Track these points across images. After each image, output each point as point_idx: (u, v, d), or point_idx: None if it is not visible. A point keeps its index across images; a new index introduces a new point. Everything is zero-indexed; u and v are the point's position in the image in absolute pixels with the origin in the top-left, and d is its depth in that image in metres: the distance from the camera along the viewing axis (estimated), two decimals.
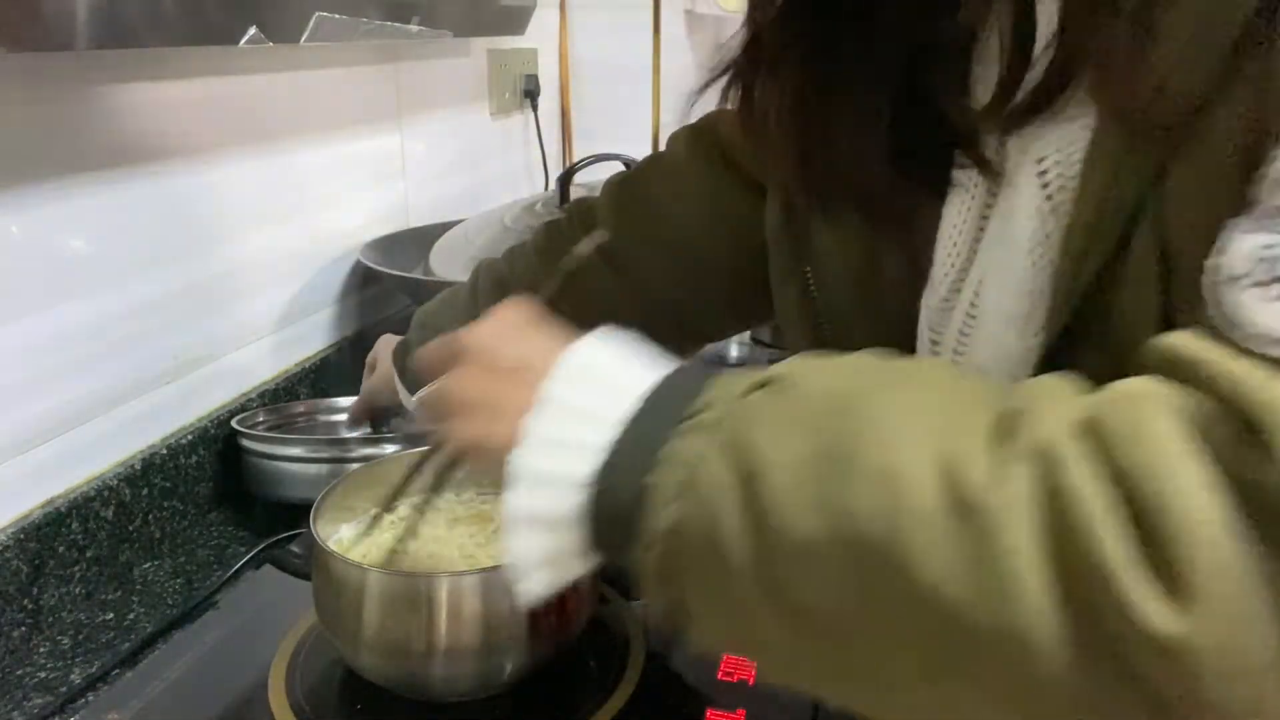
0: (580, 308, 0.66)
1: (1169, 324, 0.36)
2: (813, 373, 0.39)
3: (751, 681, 0.67)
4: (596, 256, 0.70)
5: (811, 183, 0.53)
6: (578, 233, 0.73)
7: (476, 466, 0.47)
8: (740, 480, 0.36)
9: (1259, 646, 0.29)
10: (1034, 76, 0.41)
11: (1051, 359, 0.42)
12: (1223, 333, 0.32)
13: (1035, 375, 0.41)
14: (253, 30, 0.84)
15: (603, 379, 0.41)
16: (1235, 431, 0.30)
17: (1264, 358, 0.31)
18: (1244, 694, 0.30)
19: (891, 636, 0.35)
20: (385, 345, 0.89)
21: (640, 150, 0.84)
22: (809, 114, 0.51)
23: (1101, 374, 0.37)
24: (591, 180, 1.46)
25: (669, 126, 2.18)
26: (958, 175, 0.47)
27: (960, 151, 0.46)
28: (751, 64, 0.53)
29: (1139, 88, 0.37)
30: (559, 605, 0.66)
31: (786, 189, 0.56)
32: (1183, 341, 0.33)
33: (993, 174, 0.45)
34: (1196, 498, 0.30)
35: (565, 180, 1.39)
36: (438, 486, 0.61)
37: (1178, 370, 0.33)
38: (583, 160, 1.39)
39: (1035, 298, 0.42)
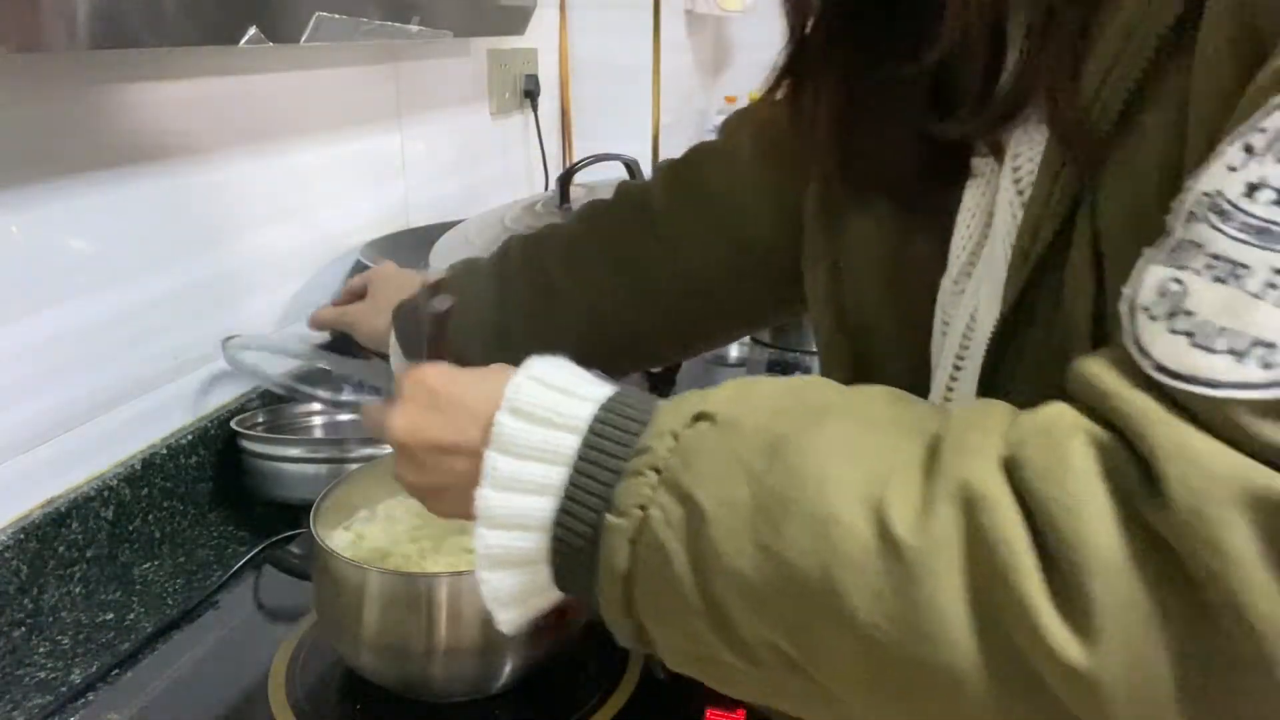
0: (622, 271, 0.71)
1: (1101, 311, 0.40)
2: (748, 409, 0.40)
3: None
4: (642, 232, 0.73)
5: (848, 173, 0.56)
6: (624, 212, 0.75)
7: (437, 512, 0.49)
8: (686, 524, 0.38)
9: (1162, 679, 0.31)
10: (1004, 88, 0.45)
11: (1009, 335, 0.45)
12: (1135, 360, 0.33)
13: (992, 348, 0.46)
14: (253, 30, 0.84)
15: (548, 414, 0.42)
16: (1139, 471, 0.32)
17: (1164, 393, 0.32)
18: (1151, 715, 0.31)
19: (834, 669, 0.37)
20: (381, 278, 0.86)
21: (640, 150, 0.84)
22: (848, 111, 0.54)
23: (1044, 356, 0.42)
24: (591, 180, 1.46)
25: (669, 126, 2.19)
26: (977, 164, 0.49)
27: (979, 141, 0.49)
28: (797, 65, 0.55)
29: (1070, 103, 0.41)
30: (559, 605, 0.65)
31: (825, 178, 0.58)
32: (1099, 371, 0.35)
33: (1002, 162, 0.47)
34: (1104, 535, 0.32)
35: (565, 180, 1.39)
36: None
37: (1093, 400, 0.34)
38: (583, 160, 1.39)
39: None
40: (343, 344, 0.91)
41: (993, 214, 0.48)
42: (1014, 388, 0.46)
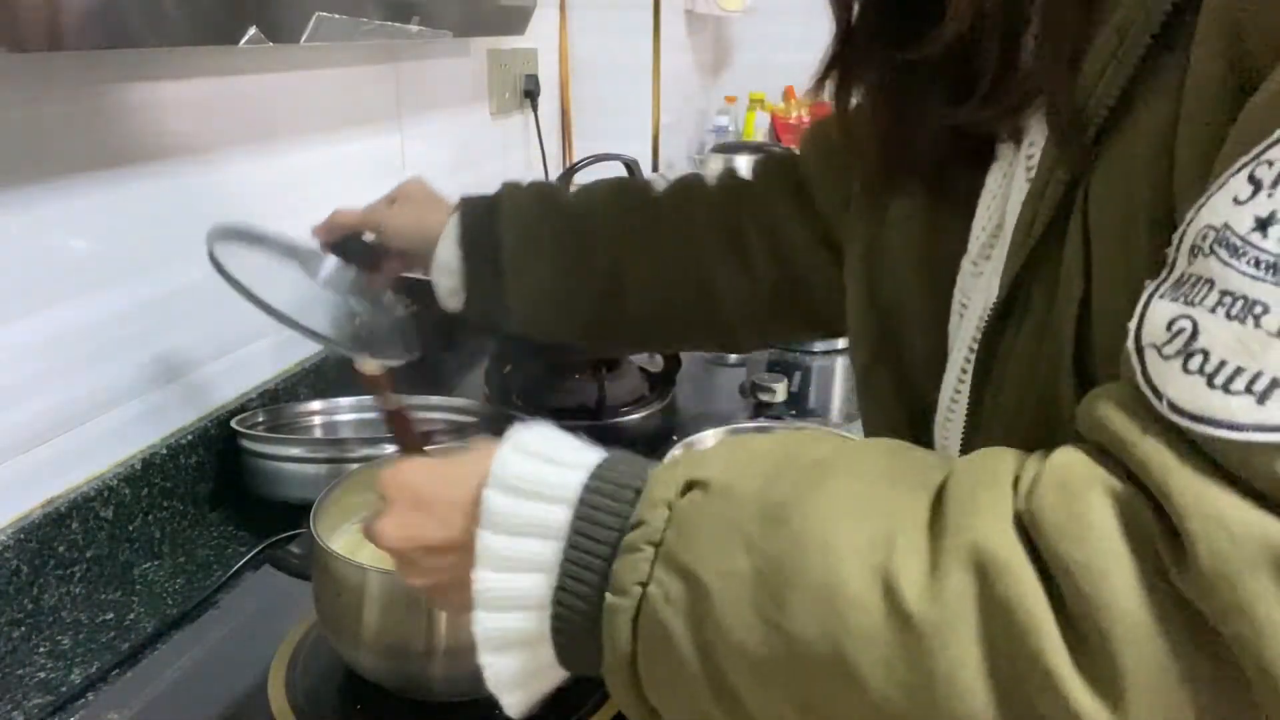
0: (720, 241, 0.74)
1: (1085, 312, 0.40)
2: (742, 473, 0.39)
3: None
4: (789, 208, 0.75)
5: (885, 159, 0.57)
6: (774, 194, 0.76)
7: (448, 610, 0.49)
8: (687, 601, 0.37)
9: None
10: (1012, 79, 0.46)
11: (1002, 323, 0.46)
12: (1146, 399, 0.32)
13: (986, 336, 0.46)
14: (253, 30, 0.84)
15: (536, 488, 0.41)
16: (1162, 529, 0.31)
17: (1180, 435, 0.31)
18: None
19: None
20: (412, 188, 0.84)
21: (640, 150, 0.84)
22: (883, 99, 0.55)
23: (1035, 351, 0.42)
24: (592, 180, 1.46)
25: (669, 127, 2.19)
26: (1000, 148, 0.50)
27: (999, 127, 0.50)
28: (841, 57, 0.57)
29: (1064, 102, 0.41)
30: None
31: (866, 164, 0.60)
32: (1110, 413, 0.34)
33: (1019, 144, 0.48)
34: (1129, 598, 0.31)
35: (565, 180, 1.39)
36: None
37: (1106, 443, 0.34)
38: (583, 160, 1.39)
39: None
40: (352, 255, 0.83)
41: (1009, 198, 0.49)
42: (1005, 382, 0.46)
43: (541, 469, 0.41)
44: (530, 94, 1.65)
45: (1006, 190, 0.49)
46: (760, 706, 0.37)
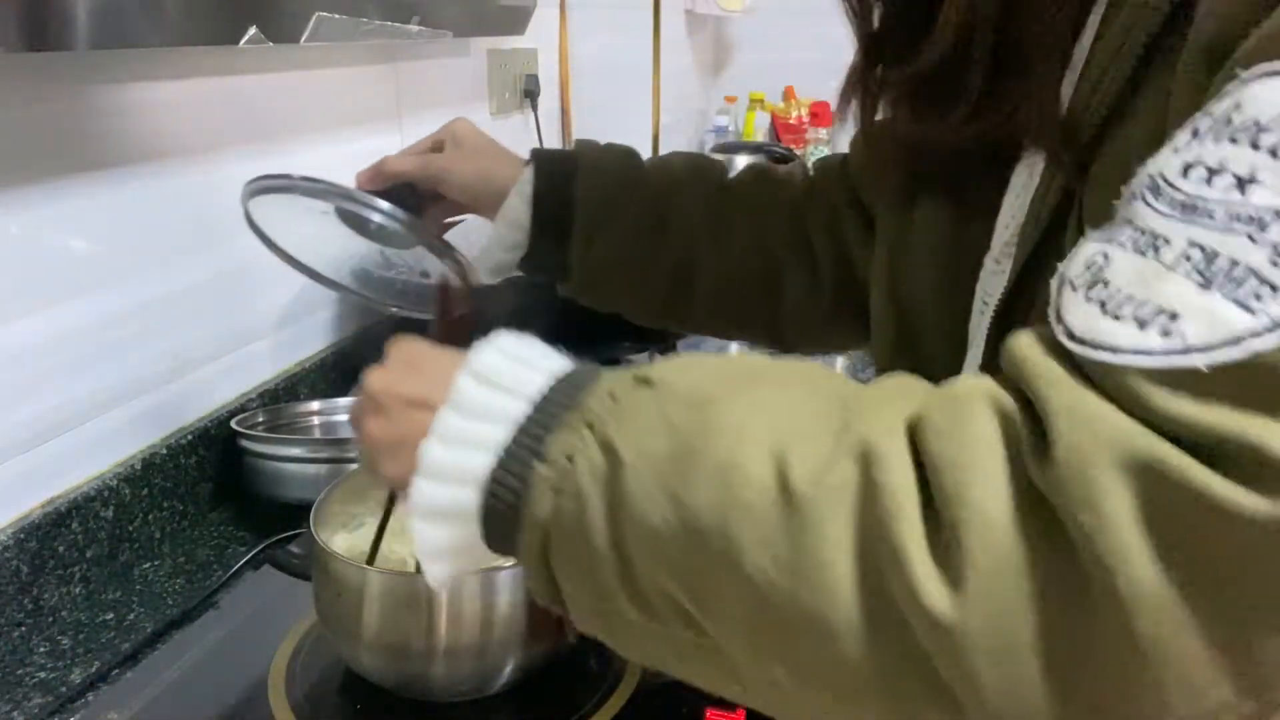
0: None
1: None
2: (684, 373, 0.41)
3: None
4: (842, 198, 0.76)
5: (911, 169, 0.59)
6: (834, 193, 0.76)
7: (387, 473, 0.49)
8: (605, 474, 0.39)
9: (1026, 639, 0.31)
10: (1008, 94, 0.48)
11: (1008, 319, 0.47)
12: (1052, 327, 0.34)
13: (993, 331, 0.48)
14: (253, 30, 0.84)
15: (503, 380, 0.43)
16: (1031, 432, 0.33)
17: (1072, 360, 0.33)
18: (1010, 673, 0.32)
19: (725, 620, 0.37)
20: (464, 131, 0.82)
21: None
22: (906, 115, 0.57)
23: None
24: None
25: (669, 127, 2.18)
26: (1025, 145, 0.52)
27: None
28: (863, 73, 0.58)
29: (1049, 125, 0.44)
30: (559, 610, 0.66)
31: (891, 174, 0.62)
32: (1022, 342, 0.35)
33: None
34: (989, 493, 0.32)
35: None
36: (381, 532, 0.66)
37: (1009, 367, 0.35)
38: None
39: None
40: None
41: (1032, 194, 0.50)
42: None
43: (513, 367, 0.44)
44: (530, 94, 1.65)
45: (1030, 186, 0.50)
46: (651, 581, 0.38)
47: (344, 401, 1.02)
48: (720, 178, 0.79)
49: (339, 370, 1.13)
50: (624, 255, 0.76)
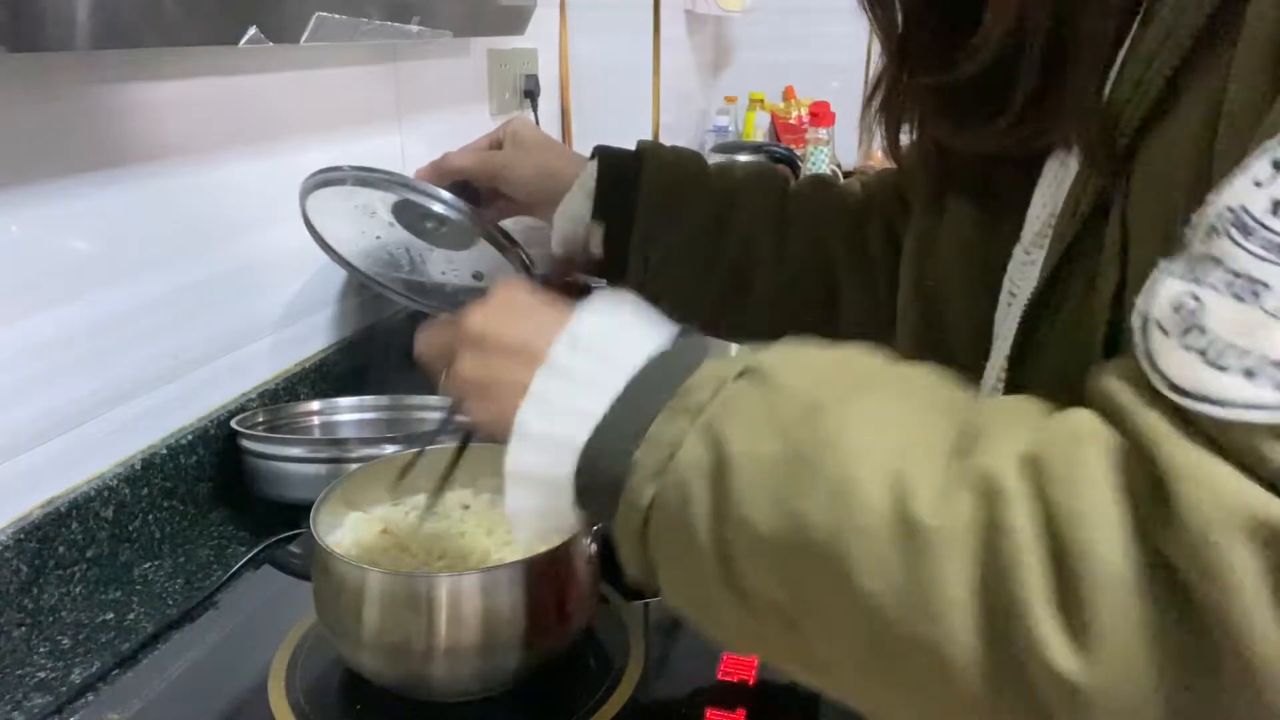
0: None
1: (1119, 314, 0.41)
2: (793, 369, 0.41)
3: (752, 682, 0.67)
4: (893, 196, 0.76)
5: (939, 174, 0.60)
6: (890, 207, 0.76)
7: (476, 414, 0.49)
8: (712, 468, 0.39)
9: (1152, 700, 0.31)
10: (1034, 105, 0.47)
11: (1039, 313, 0.47)
12: (1147, 374, 0.33)
13: (1023, 325, 0.47)
14: (253, 30, 0.84)
15: (604, 348, 0.44)
16: (1152, 490, 0.32)
17: (1177, 410, 0.32)
18: None
19: (829, 632, 0.37)
20: (523, 129, 0.82)
21: None
22: (933, 123, 0.57)
23: (1069, 345, 0.43)
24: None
25: (669, 127, 2.19)
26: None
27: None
28: (889, 81, 0.58)
29: (1089, 124, 0.43)
30: (559, 605, 0.66)
31: (919, 179, 0.62)
32: (1115, 386, 0.35)
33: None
34: (1112, 548, 0.31)
35: None
36: (448, 474, 0.65)
37: (1110, 415, 0.34)
38: None
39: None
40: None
41: (1065, 184, 0.49)
42: (1041, 370, 0.47)
43: (614, 334, 0.44)
44: (530, 94, 1.65)
45: (1063, 177, 0.49)
46: (756, 582, 0.38)
47: (344, 401, 1.02)
48: (782, 184, 0.79)
49: (339, 370, 1.13)
50: (683, 253, 0.77)
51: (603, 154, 0.79)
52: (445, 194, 0.72)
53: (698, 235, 0.76)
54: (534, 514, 0.45)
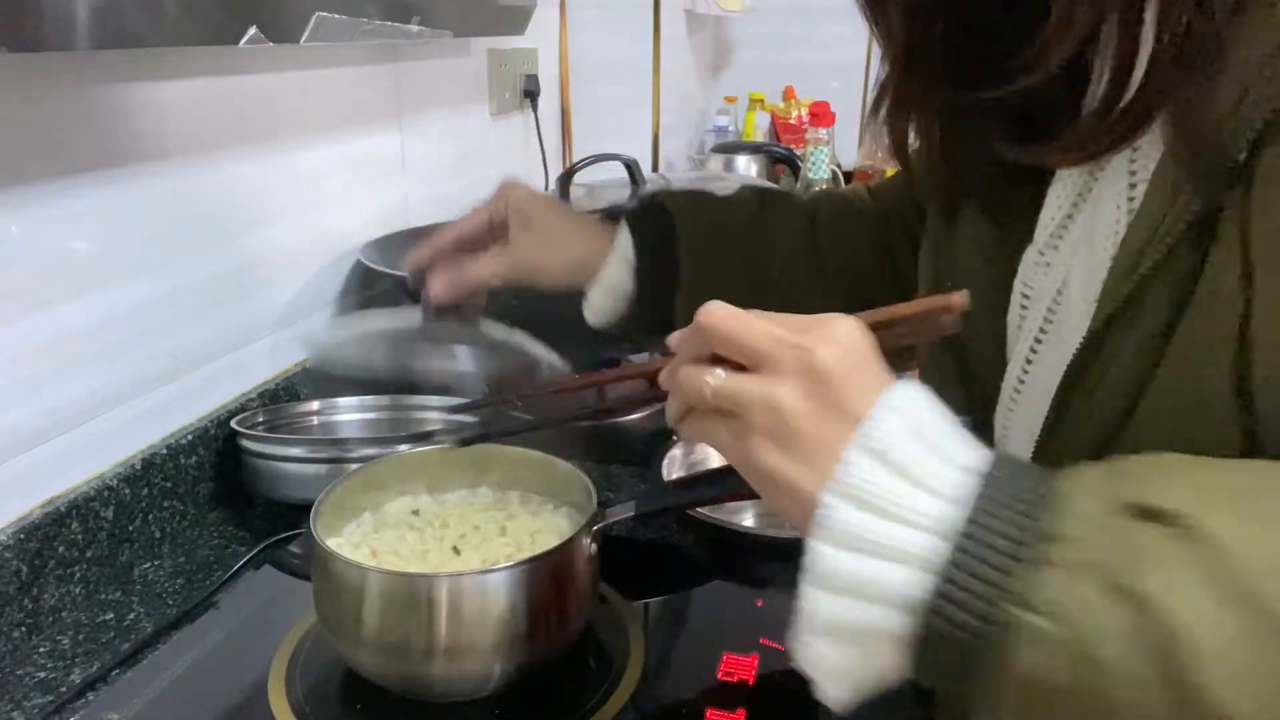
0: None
1: (1246, 355, 0.36)
2: (1239, 532, 0.33)
3: (752, 682, 0.67)
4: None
5: (947, 186, 0.59)
6: (910, 216, 0.76)
7: (765, 498, 0.42)
8: (1151, 640, 0.33)
9: None
10: (1117, 111, 0.42)
11: (1094, 353, 0.43)
12: None
13: (1074, 366, 0.43)
14: (253, 30, 0.84)
15: (913, 463, 0.37)
16: None
17: None
18: None
19: None
20: (527, 202, 0.75)
21: (640, 150, 0.83)
22: (942, 138, 0.57)
23: (1139, 365, 0.39)
24: (591, 180, 1.46)
25: (669, 127, 2.19)
26: None
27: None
28: (895, 93, 0.57)
29: (1193, 138, 0.38)
30: (559, 605, 0.66)
31: (926, 189, 0.62)
32: None
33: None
34: None
35: (565, 180, 1.39)
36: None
37: None
38: (583, 160, 1.39)
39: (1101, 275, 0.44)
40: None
41: (1091, 189, 0.48)
42: (1100, 389, 0.43)
43: (924, 454, 0.37)
44: (530, 94, 1.65)
45: (1085, 183, 0.48)
46: None
47: (344, 401, 1.02)
48: (805, 214, 0.78)
49: (339, 370, 1.12)
50: (725, 297, 0.76)
51: (630, 220, 0.75)
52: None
53: (737, 280, 0.76)
54: (841, 670, 0.38)
